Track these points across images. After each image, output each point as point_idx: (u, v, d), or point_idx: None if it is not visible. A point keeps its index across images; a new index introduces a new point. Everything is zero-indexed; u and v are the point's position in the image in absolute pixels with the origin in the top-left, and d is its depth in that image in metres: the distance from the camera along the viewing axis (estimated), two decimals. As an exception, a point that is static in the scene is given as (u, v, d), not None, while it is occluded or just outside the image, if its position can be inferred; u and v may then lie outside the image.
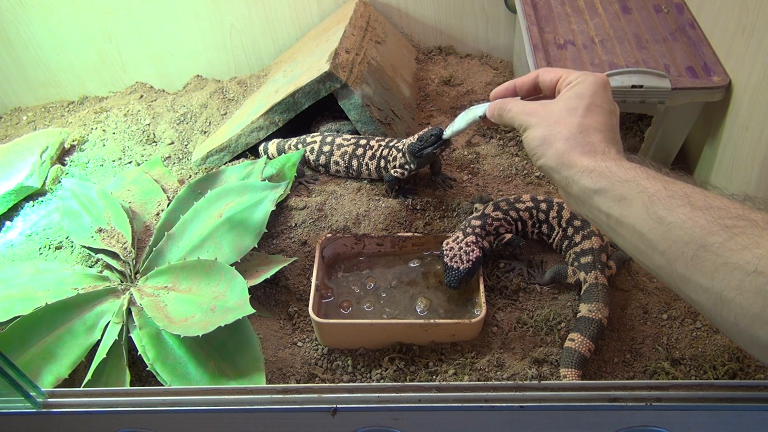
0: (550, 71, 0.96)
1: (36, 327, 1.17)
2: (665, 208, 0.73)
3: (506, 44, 2.15)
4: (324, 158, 1.63)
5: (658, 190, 0.75)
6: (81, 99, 2.22)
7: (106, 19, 2.05)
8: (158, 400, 0.93)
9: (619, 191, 0.78)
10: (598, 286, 1.25)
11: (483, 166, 1.68)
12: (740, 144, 1.39)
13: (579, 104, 0.87)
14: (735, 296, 0.65)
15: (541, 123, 0.88)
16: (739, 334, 0.67)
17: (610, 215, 0.79)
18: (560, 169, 0.84)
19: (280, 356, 1.22)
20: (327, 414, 0.91)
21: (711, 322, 0.73)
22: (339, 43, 1.72)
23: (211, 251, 1.30)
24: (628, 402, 0.89)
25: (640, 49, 1.56)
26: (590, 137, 0.84)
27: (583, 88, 0.89)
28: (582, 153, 0.83)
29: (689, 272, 0.70)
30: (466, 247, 1.28)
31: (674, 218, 0.71)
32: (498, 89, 1.03)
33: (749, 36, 1.35)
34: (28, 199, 1.71)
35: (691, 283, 0.70)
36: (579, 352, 1.15)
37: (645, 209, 0.74)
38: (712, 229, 0.68)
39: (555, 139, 0.85)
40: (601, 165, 0.81)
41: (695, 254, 0.69)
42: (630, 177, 0.78)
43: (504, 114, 0.97)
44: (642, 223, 0.75)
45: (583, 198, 0.82)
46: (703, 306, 0.70)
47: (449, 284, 1.26)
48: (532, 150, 0.89)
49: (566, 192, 0.86)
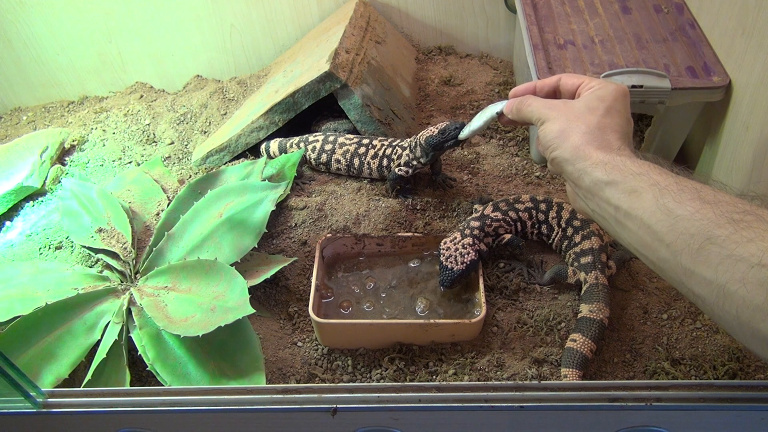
0: (572, 76, 0.99)
1: (36, 327, 1.17)
2: (675, 201, 0.74)
3: (506, 44, 2.15)
4: (326, 157, 1.63)
5: (669, 183, 0.76)
6: (81, 99, 2.22)
7: (106, 19, 2.06)
8: (158, 400, 0.93)
9: (631, 184, 0.79)
10: (599, 286, 1.25)
11: (483, 166, 1.68)
12: (740, 144, 1.39)
13: (600, 105, 0.90)
14: (738, 288, 0.65)
15: (561, 117, 0.91)
16: (740, 326, 0.67)
17: (619, 207, 0.80)
18: (574, 161, 0.86)
19: (280, 356, 1.22)
20: (327, 414, 0.91)
21: (711, 317, 0.73)
22: (339, 43, 1.73)
23: (211, 251, 1.30)
24: (628, 402, 0.89)
25: (640, 49, 1.56)
26: (607, 135, 0.87)
27: (605, 92, 0.92)
28: (597, 147, 0.85)
29: (694, 264, 0.70)
30: (462, 249, 1.28)
31: (683, 211, 0.72)
32: (518, 88, 1.05)
33: (749, 36, 1.35)
34: (28, 199, 1.71)
35: (695, 275, 0.70)
36: (581, 353, 1.15)
37: (655, 201, 0.75)
38: (719, 222, 0.69)
39: (573, 132, 0.88)
40: (616, 158, 0.83)
41: (701, 246, 0.69)
42: (642, 171, 0.79)
43: (524, 108, 0.98)
44: (650, 214, 0.76)
45: (594, 190, 0.84)
46: (706, 299, 0.70)
47: (442, 283, 1.27)
48: (548, 141, 0.91)
49: (576, 185, 0.88)
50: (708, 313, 0.72)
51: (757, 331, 0.65)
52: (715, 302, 0.68)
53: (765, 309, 0.63)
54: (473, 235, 1.32)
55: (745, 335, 0.67)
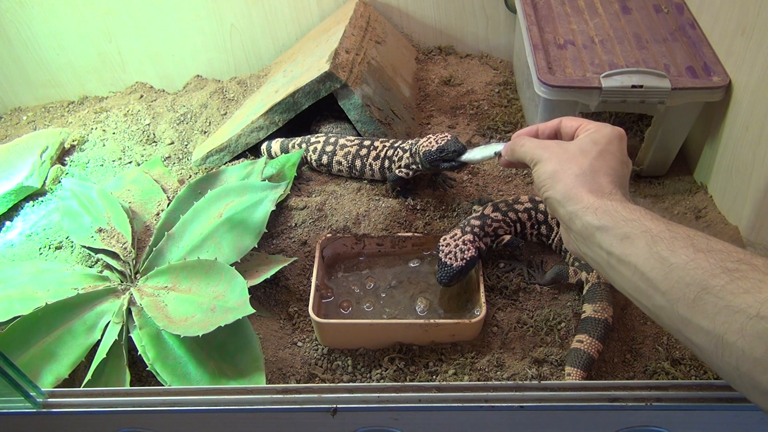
0: (572, 119, 0.99)
1: (36, 327, 1.17)
2: (668, 249, 0.73)
3: (506, 44, 2.15)
4: (326, 158, 1.63)
5: (662, 230, 0.75)
6: (81, 99, 2.22)
7: (106, 19, 2.05)
8: (158, 400, 0.93)
9: (623, 230, 0.78)
10: (601, 285, 1.25)
11: (483, 166, 1.68)
12: (740, 144, 1.39)
13: (593, 148, 0.90)
14: (737, 340, 0.65)
15: (553, 158, 0.91)
16: (740, 378, 0.66)
17: (611, 253, 0.80)
18: (566, 204, 0.86)
19: (280, 356, 1.22)
20: (327, 414, 0.91)
21: (712, 368, 0.72)
22: (339, 43, 1.73)
23: (211, 251, 1.30)
24: (628, 402, 0.89)
25: (640, 49, 1.56)
26: (599, 179, 0.86)
27: (599, 135, 0.92)
28: (589, 191, 0.85)
29: (691, 314, 0.69)
30: (462, 246, 1.27)
31: (677, 259, 0.72)
32: (520, 131, 1.05)
33: (749, 36, 1.35)
34: (28, 199, 1.70)
35: (692, 325, 0.70)
36: (588, 354, 1.15)
37: (648, 248, 0.75)
38: (714, 272, 0.68)
39: (565, 174, 0.88)
40: (607, 203, 0.82)
41: (697, 296, 0.69)
42: (634, 217, 0.79)
43: (517, 149, 0.98)
44: (644, 262, 0.75)
45: (585, 234, 0.83)
46: (704, 349, 0.70)
47: (440, 279, 1.26)
48: (541, 182, 0.91)
49: (568, 228, 0.88)
50: (708, 362, 0.71)
51: (758, 383, 0.64)
52: (714, 352, 0.68)
53: (765, 362, 0.63)
54: (473, 232, 1.32)
55: (745, 387, 0.67)
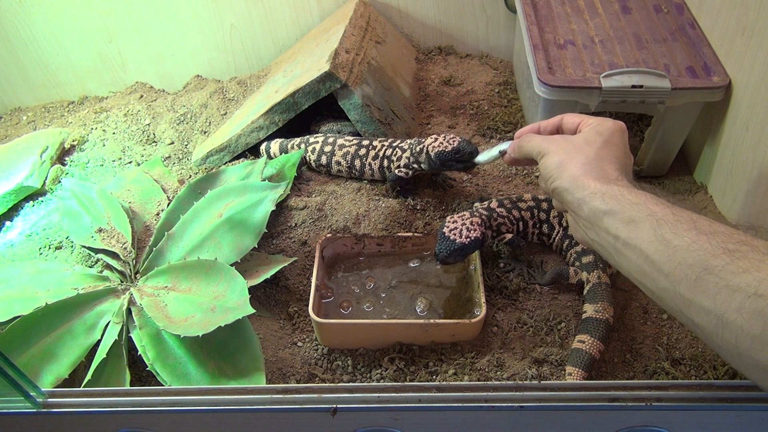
0: (573, 116, 1.03)
1: (36, 327, 1.17)
2: (672, 231, 0.76)
3: (506, 44, 2.15)
4: (325, 158, 1.63)
5: (666, 214, 0.78)
6: (81, 99, 2.22)
7: (106, 19, 2.05)
8: (158, 400, 0.93)
9: (629, 213, 0.81)
10: (602, 285, 1.25)
11: (483, 165, 1.68)
12: (740, 144, 1.39)
13: (597, 138, 0.95)
14: (736, 318, 0.67)
15: (560, 150, 0.95)
16: (739, 356, 0.68)
17: (617, 237, 0.82)
18: (573, 191, 0.89)
19: (280, 356, 1.22)
20: (327, 414, 0.91)
21: (712, 347, 0.74)
22: (339, 43, 1.72)
23: (211, 251, 1.30)
24: (628, 402, 0.89)
25: (640, 49, 1.56)
26: (605, 166, 0.91)
27: (603, 128, 0.97)
28: (595, 178, 0.88)
29: (692, 294, 0.72)
30: (470, 225, 1.25)
31: (680, 241, 0.74)
32: (522, 129, 1.10)
33: (749, 36, 1.35)
34: (28, 199, 1.71)
35: (694, 305, 0.72)
36: (589, 354, 1.15)
37: (653, 231, 0.77)
38: (715, 252, 0.71)
39: (571, 163, 0.92)
40: (614, 188, 0.86)
41: (699, 276, 0.71)
42: (640, 201, 0.82)
43: (524, 144, 1.03)
44: (649, 244, 0.77)
45: (593, 219, 0.86)
46: (705, 328, 0.72)
47: (438, 254, 1.22)
48: (548, 173, 0.95)
49: (576, 214, 0.91)
50: (708, 342, 0.74)
51: (756, 361, 0.66)
52: (714, 331, 0.70)
53: (763, 339, 0.64)
54: (482, 218, 1.31)
55: (745, 365, 0.69)
